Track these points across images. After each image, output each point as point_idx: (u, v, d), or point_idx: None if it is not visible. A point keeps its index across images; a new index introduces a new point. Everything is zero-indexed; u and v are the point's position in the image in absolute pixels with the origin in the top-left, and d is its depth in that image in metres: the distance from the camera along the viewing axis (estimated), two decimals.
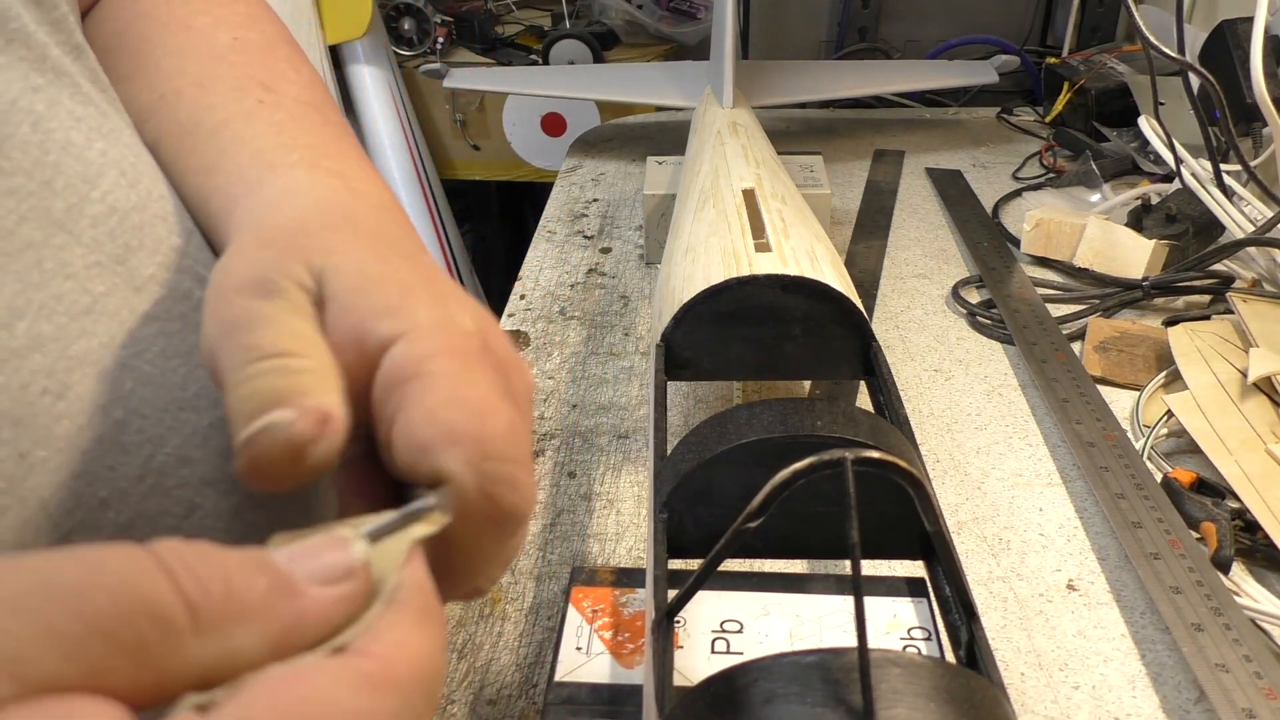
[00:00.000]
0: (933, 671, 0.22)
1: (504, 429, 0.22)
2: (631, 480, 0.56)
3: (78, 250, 0.25)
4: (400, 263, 0.26)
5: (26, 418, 0.23)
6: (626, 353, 0.68)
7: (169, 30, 0.34)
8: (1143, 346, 0.63)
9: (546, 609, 0.47)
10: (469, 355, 0.23)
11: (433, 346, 0.23)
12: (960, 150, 1.00)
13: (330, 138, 0.32)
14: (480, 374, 0.23)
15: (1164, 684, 0.42)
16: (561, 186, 0.96)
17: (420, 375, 0.22)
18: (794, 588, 0.38)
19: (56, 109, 0.27)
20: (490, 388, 0.23)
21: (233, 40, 0.34)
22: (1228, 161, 0.73)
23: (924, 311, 0.72)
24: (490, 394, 0.23)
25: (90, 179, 0.27)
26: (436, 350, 0.23)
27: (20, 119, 0.25)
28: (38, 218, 0.25)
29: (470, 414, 0.22)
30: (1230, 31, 0.76)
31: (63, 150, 0.26)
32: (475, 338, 0.24)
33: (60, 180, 0.26)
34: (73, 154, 0.26)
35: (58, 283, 0.25)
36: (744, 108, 0.77)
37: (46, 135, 0.26)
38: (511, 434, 0.23)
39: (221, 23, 0.35)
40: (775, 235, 0.49)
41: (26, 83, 0.26)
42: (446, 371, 0.22)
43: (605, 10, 1.65)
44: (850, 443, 0.31)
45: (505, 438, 0.22)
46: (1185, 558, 0.46)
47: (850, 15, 1.19)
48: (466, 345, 0.24)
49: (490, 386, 0.23)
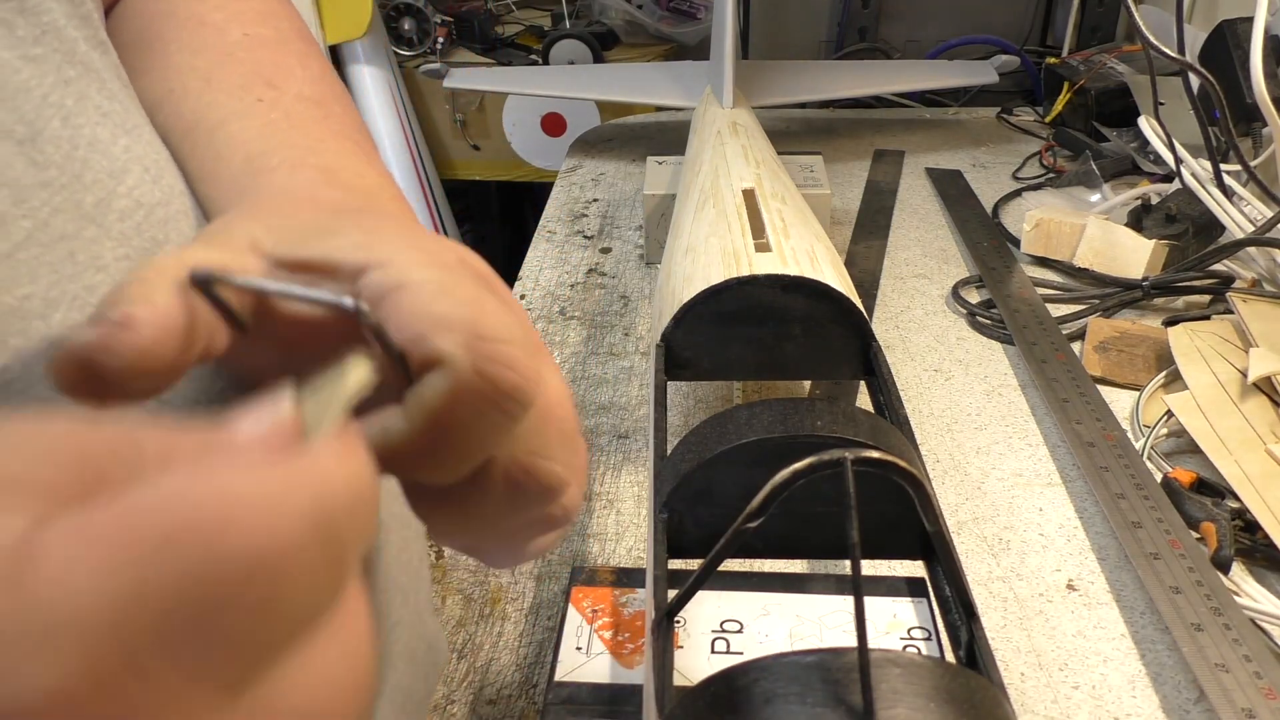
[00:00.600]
0: (933, 671, 0.22)
1: (496, 315, 0.22)
2: (631, 480, 0.56)
3: (108, 243, 0.26)
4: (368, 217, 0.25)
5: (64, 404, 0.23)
6: (626, 353, 0.68)
7: (184, 26, 0.35)
8: (1143, 346, 0.63)
9: (546, 609, 0.47)
10: (450, 266, 0.23)
11: (410, 261, 0.23)
12: (960, 150, 1.00)
13: (327, 133, 0.32)
14: (465, 280, 0.23)
15: (1164, 684, 0.42)
16: (561, 186, 0.96)
17: (402, 285, 0.22)
18: (794, 588, 0.38)
19: (85, 104, 0.27)
20: (478, 290, 0.23)
21: (243, 36, 0.34)
22: (1228, 161, 0.73)
23: (924, 311, 0.72)
24: (479, 293, 0.23)
25: (117, 174, 0.27)
26: (415, 263, 0.23)
27: (51, 113, 0.26)
28: (70, 210, 0.25)
29: (460, 303, 0.22)
30: (1230, 31, 0.76)
31: (90, 146, 0.26)
32: (454, 255, 0.24)
33: (89, 175, 0.26)
34: (99, 149, 0.27)
35: (89, 275, 0.25)
36: (744, 108, 0.77)
37: (76, 130, 0.26)
38: (506, 321, 0.22)
39: (235, 18, 0.35)
40: (775, 235, 0.49)
41: (59, 75, 0.26)
42: (429, 278, 0.22)
43: (605, 10, 1.65)
44: (850, 443, 0.31)
45: (498, 322, 0.22)
46: (1185, 558, 0.46)
47: (850, 15, 1.19)
48: (446, 259, 0.23)
49: (478, 289, 0.23)
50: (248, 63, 0.33)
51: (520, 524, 0.25)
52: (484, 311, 0.22)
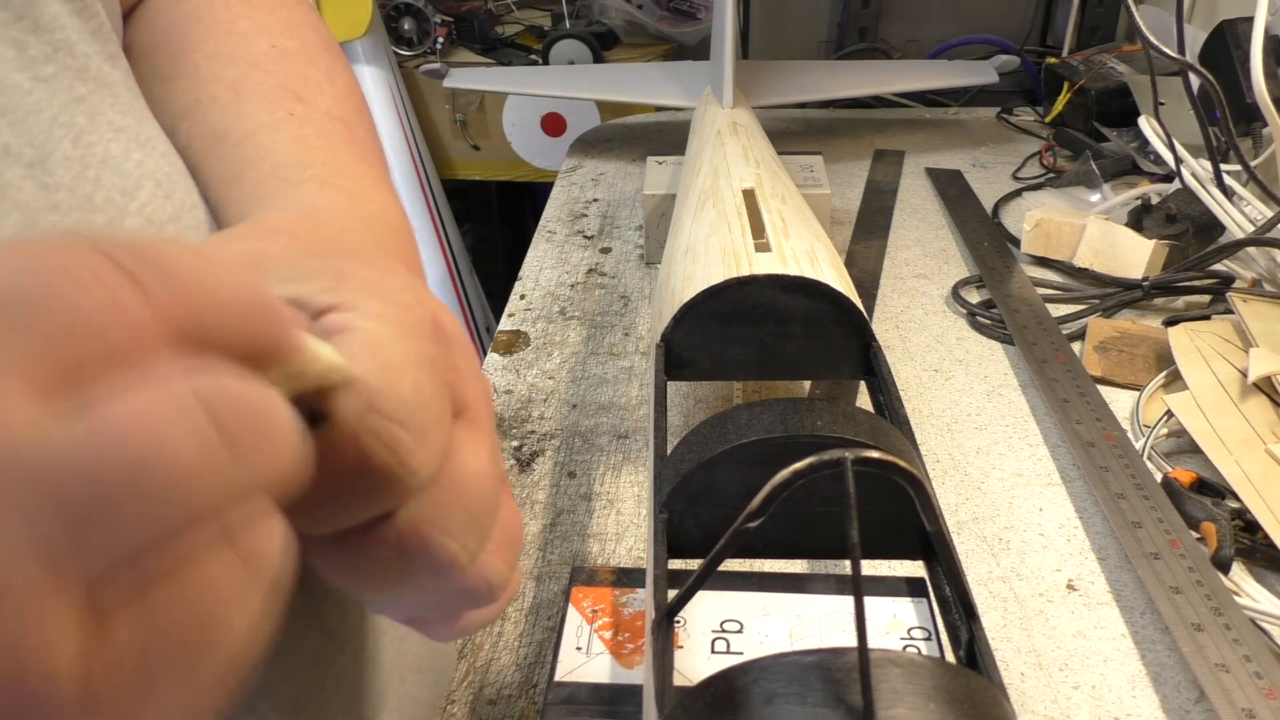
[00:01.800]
0: (933, 671, 0.22)
1: (408, 390, 0.21)
2: (631, 480, 0.56)
3: None
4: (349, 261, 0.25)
5: None
6: (626, 353, 0.68)
7: (212, 34, 0.34)
8: (1143, 346, 0.63)
9: (546, 609, 0.47)
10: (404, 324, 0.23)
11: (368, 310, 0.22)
12: (960, 150, 1.00)
13: (353, 155, 0.32)
14: (408, 342, 0.22)
15: (1164, 684, 0.42)
16: (561, 186, 0.96)
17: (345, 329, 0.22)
18: (794, 588, 0.38)
19: (97, 120, 0.27)
20: (412, 355, 0.22)
21: (271, 48, 0.34)
22: (1228, 161, 0.73)
23: (924, 311, 0.72)
24: (408, 359, 0.22)
25: (129, 191, 0.27)
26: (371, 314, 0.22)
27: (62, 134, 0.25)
28: None
29: (374, 365, 0.21)
30: (1230, 31, 0.76)
31: (102, 164, 0.26)
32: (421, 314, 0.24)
33: (100, 195, 0.26)
34: (111, 166, 0.27)
35: None
36: (744, 108, 0.77)
37: (87, 149, 0.26)
38: (416, 400, 0.21)
39: (262, 29, 0.35)
40: (775, 235, 0.49)
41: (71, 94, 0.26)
42: (371, 330, 0.22)
43: (605, 10, 1.65)
44: (850, 443, 0.31)
45: (405, 399, 0.21)
46: (1185, 558, 0.46)
47: (850, 15, 1.19)
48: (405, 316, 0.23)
49: (413, 355, 0.22)
50: (275, 75, 0.33)
51: (436, 597, 0.24)
52: (398, 381, 0.21)
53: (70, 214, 0.25)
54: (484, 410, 0.25)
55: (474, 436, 0.24)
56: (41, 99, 0.25)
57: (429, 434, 0.21)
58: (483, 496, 0.23)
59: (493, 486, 0.24)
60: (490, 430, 0.25)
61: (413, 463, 0.21)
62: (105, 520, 0.13)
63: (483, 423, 0.24)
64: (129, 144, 0.28)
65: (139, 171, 0.28)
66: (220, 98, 0.32)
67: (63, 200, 0.25)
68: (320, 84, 0.34)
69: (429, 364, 0.22)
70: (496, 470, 0.24)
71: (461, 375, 0.24)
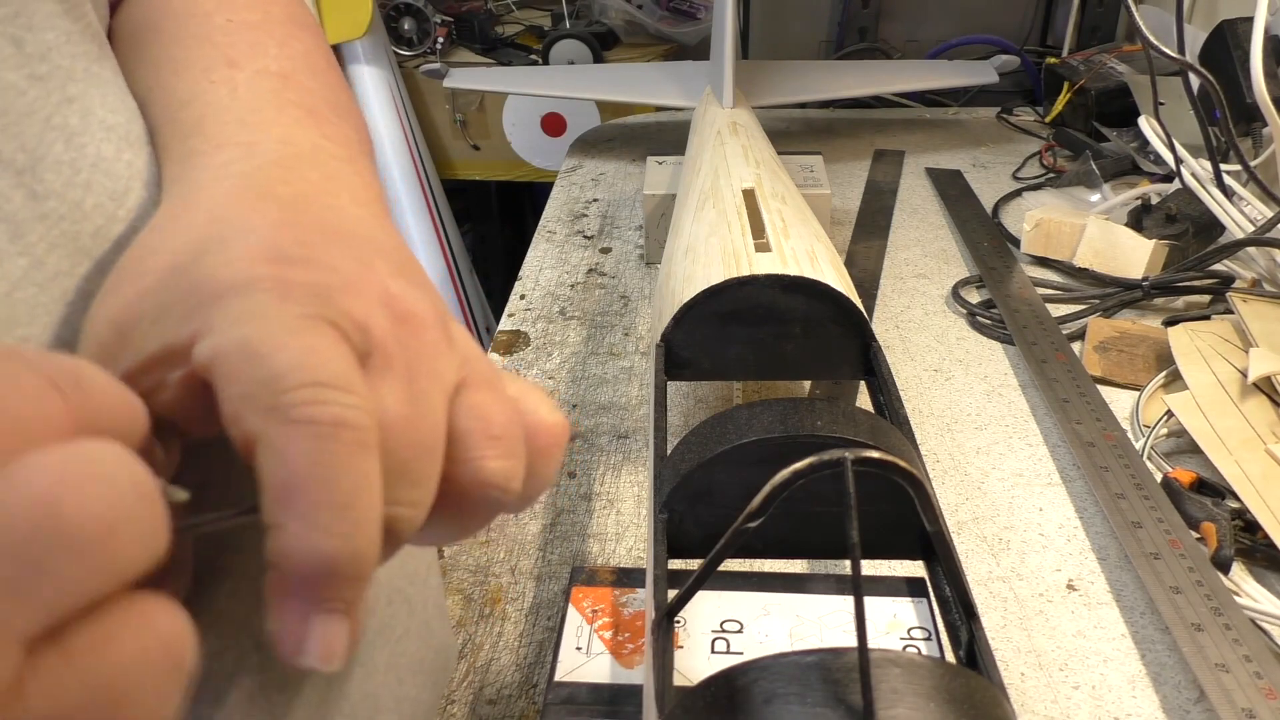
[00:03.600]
0: (933, 671, 0.22)
1: (304, 354, 0.20)
2: (631, 480, 0.56)
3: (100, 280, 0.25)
4: (221, 255, 0.23)
5: None
6: (626, 353, 0.68)
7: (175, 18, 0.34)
8: (1143, 346, 0.63)
9: (546, 609, 0.47)
10: (260, 313, 0.21)
11: (229, 316, 0.21)
12: (960, 150, 1.00)
13: (271, 103, 0.30)
14: (287, 312, 0.21)
15: (1164, 684, 0.42)
16: (561, 186, 0.96)
17: (214, 355, 0.21)
18: (794, 588, 0.38)
19: (90, 120, 0.26)
20: (303, 319, 0.21)
21: (226, 22, 0.33)
22: (1228, 161, 0.73)
23: (924, 311, 0.72)
24: (301, 324, 0.21)
25: (118, 196, 0.26)
26: (233, 318, 0.21)
27: (54, 137, 0.25)
28: (66, 245, 0.24)
29: (263, 360, 0.20)
30: (1230, 31, 0.76)
31: (93, 166, 0.26)
32: (268, 282, 0.22)
33: (90, 200, 0.25)
34: (102, 169, 0.26)
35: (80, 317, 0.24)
36: (744, 108, 0.77)
37: (79, 152, 0.26)
38: (316, 360, 0.20)
39: (223, 6, 0.34)
40: (775, 235, 0.49)
41: (64, 93, 0.26)
42: (239, 338, 0.21)
43: (605, 10, 1.65)
44: (850, 443, 0.31)
45: (301, 362, 0.20)
46: (1185, 558, 0.46)
47: (850, 15, 1.19)
48: (289, 275, 0.22)
49: (307, 317, 0.21)
50: (221, 46, 0.32)
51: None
52: (281, 350, 0.20)
53: (57, 225, 0.24)
54: (395, 348, 0.23)
55: (383, 381, 0.22)
56: (36, 99, 0.25)
57: (343, 381, 0.21)
58: (401, 446, 0.22)
59: (410, 428, 0.22)
60: (406, 367, 0.23)
61: (341, 411, 0.20)
62: (24, 572, 0.15)
63: (393, 363, 0.22)
64: (120, 144, 0.27)
65: (128, 173, 0.27)
66: (165, 80, 0.31)
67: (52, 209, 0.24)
68: (266, 47, 0.32)
69: (294, 329, 0.21)
70: (416, 409, 0.22)
71: (352, 315, 0.22)
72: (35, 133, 0.24)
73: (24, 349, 0.18)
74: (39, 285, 0.23)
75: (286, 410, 0.20)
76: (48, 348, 0.23)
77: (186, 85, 0.31)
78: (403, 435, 0.22)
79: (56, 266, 0.24)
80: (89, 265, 0.25)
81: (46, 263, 0.24)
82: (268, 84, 0.31)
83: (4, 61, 0.24)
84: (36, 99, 0.25)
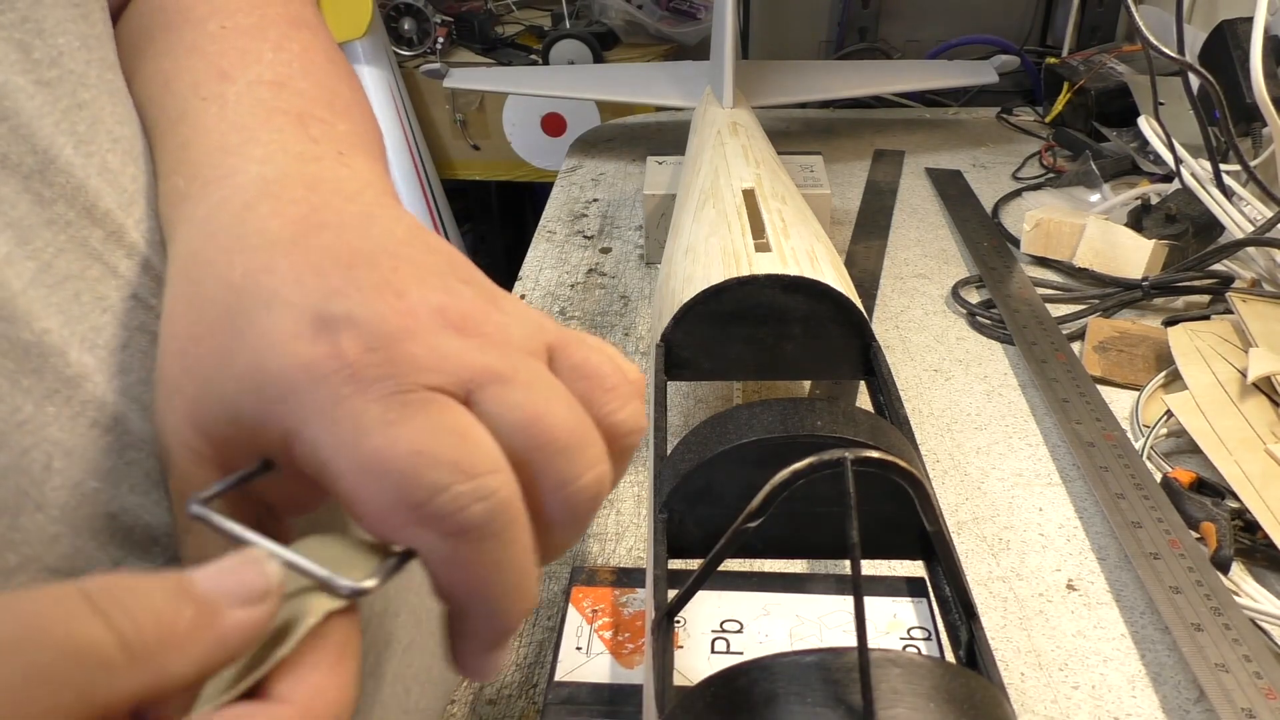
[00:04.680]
0: (933, 671, 0.22)
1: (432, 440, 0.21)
2: (631, 480, 0.56)
3: (113, 283, 0.25)
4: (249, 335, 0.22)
5: (78, 449, 0.23)
6: (626, 353, 0.68)
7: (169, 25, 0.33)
8: (1142, 346, 0.63)
9: (546, 609, 0.47)
10: (354, 399, 0.21)
11: (311, 409, 0.21)
12: (960, 150, 1.00)
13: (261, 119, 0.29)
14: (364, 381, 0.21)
15: (1164, 684, 0.42)
16: (561, 186, 0.96)
17: (323, 465, 0.21)
18: (794, 588, 0.38)
19: (97, 129, 0.26)
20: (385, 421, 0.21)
21: (219, 28, 0.32)
22: (1227, 161, 0.73)
23: (924, 311, 0.72)
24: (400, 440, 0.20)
25: (126, 206, 0.26)
26: (316, 413, 0.21)
27: (64, 141, 0.25)
28: (75, 249, 0.24)
29: (384, 471, 0.20)
30: (1230, 31, 0.76)
31: (101, 174, 0.26)
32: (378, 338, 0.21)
33: (100, 207, 0.25)
34: (109, 179, 0.26)
35: (94, 316, 0.24)
36: (744, 108, 0.77)
37: (87, 159, 0.25)
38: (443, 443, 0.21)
39: (217, 11, 0.33)
40: (775, 235, 0.49)
41: (73, 99, 0.26)
42: (345, 444, 0.21)
43: (605, 10, 1.65)
44: (850, 443, 0.31)
45: (433, 452, 0.20)
46: (1185, 558, 0.46)
47: (850, 15, 1.19)
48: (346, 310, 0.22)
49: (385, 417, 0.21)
50: (211, 56, 0.31)
51: None
52: (393, 457, 0.20)
53: (65, 230, 0.24)
54: (481, 358, 0.22)
55: (498, 391, 0.22)
56: (45, 104, 0.25)
57: None
58: (555, 434, 0.22)
59: (549, 412, 0.22)
60: (507, 372, 0.23)
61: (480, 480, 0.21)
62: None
63: (493, 371, 0.22)
64: (124, 157, 0.27)
65: (134, 186, 0.27)
66: (155, 95, 0.31)
67: (60, 214, 0.24)
68: (262, 54, 0.31)
69: (385, 421, 0.21)
70: (543, 394, 0.23)
71: (425, 365, 0.22)
72: (45, 136, 0.24)
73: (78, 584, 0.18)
74: (49, 287, 0.23)
75: (434, 524, 0.20)
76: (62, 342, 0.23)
77: (177, 102, 0.30)
78: (547, 425, 0.22)
79: (66, 270, 0.24)
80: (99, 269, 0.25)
81: (55, 266, 0.24)
82: (260, 94, 0.30)
83: (11, 65, 0.24)
84: (44, 104, 0.25)
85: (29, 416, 0.22)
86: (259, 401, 0.21)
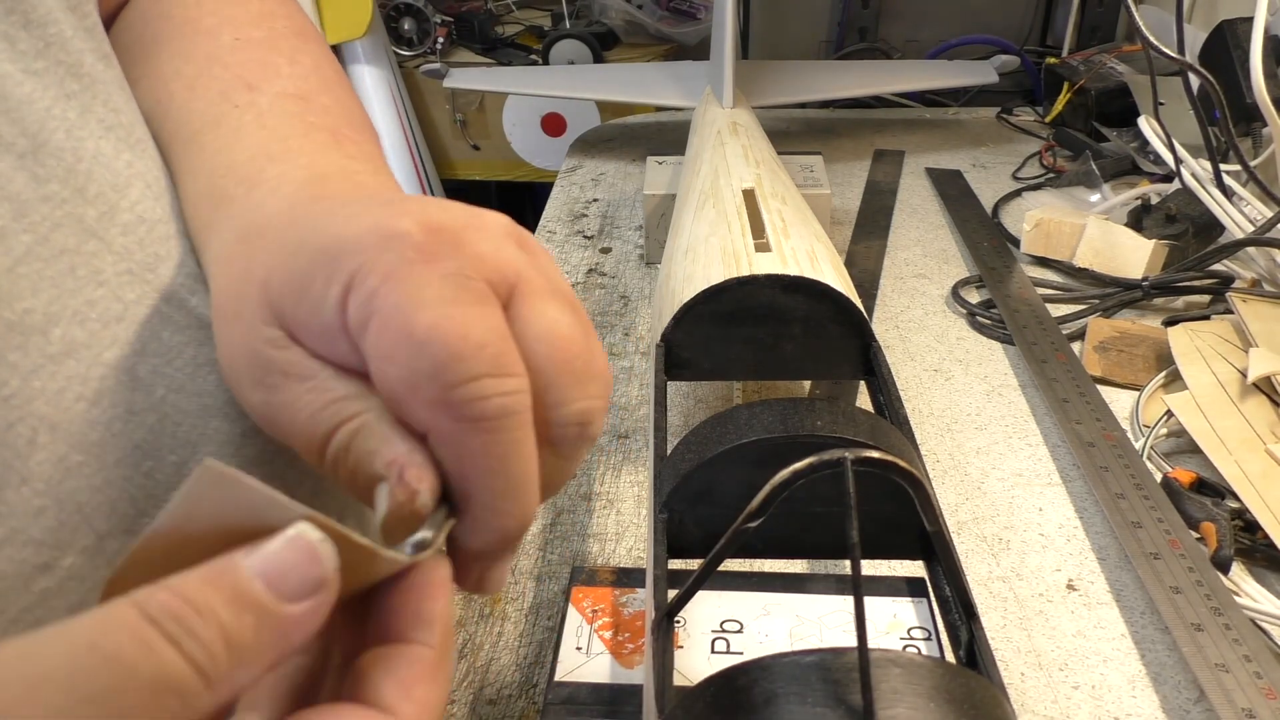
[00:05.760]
0: (933, 671, 0.22)
1: (465, 330, 0.21)
2: (631, 480, 0.56)
3: (109, 258, 0.26)
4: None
5: (64, 423, 0.23)
6: (626, 353, 0.68)
7: (179, 33, 0.34)
8: (1142, 346, 0.63)
9: (546, 609, 0.47)
10: (395, 299, 0.22)
11: (381, 297, 0.22)
12: (960, 150, 1.00)
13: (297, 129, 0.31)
14: (430, 287, 0.22)
15: (1164, 684, 0.42)
16: (561, 186, 0.96)
17: None
18: (794, 588, 0.38)
19: (88, 117, 0.27)
20: (419, 309, 0.21)
21: (234, 40, 0.34)
22: (1228, 161, 0.73)
23: (924, 311, 0.72)
24: (416, 321, 0.21)
25: (120, 188, 0.27)
26: (386, 296, 0.22)
27: (55, 125, 0.25)
28: (71, 224, 0.25)
29: (420, 353, 0.21)
30: (1230, 31, 0.76)
31: (94, 159, 0.26)
32: (413, 235, 0.23)
33: (92, 188, 0.26)
34: (102, 163, 0.27)
35: (89, 289, 0.25)
36: (744, 108, 0.77)
37: (79, 143, 0.26)
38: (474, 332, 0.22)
39: (228, 23, 0.34)
40: (775, 235, 0.49)
41: (62, 89, 0.26)
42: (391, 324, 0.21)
43: (605, 10, 1.65)
44: (850, 443, 0.31)
45: (461, 348, 0.21)
46: (1185, 558, 0.46)
47: (850, 15, 1.19)
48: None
49: (420, 306, 0.21)
50: (233, 67, 0.32)
51: None
52: (438, 335, 0.21)
53: (61, 206, 0.25)
54: (532, 272, 0.24)
55: (538, 302, 0.24)
56: (34, 90, 0.25)
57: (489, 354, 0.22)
58: (573, 352, 0.24)
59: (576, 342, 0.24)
60: (548, 290, 0.24)
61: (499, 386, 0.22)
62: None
63: (536, 285, 0.24)
64: (118, 144, 0.28)
65: (129, 171, 0.27)
66: (177, 97, 0.32)
67: (55, 192, 0.25)
68: (280, 68, 0.33)
69: (442, 298, 0.22)
70: (573, 316, 0.24)
71: (488, 259, 0.23)
72: (36, 120, 0.25)
73: None
74: (44, 260, 0.24)
75: (455, 408, 0.21)
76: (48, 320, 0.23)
77: (206, 105, 0.31)
78: (566, 343, 0.24)
79: (62, 244, 0.24)
80: (95, 244, 0.25)
81: (51, 239, 0.24)
82: (290, 107, 0.31)
83: None
84: (35, 90, 0.25)
85: (15, 390, 0.22)
86: (329, 262, 0.22)
